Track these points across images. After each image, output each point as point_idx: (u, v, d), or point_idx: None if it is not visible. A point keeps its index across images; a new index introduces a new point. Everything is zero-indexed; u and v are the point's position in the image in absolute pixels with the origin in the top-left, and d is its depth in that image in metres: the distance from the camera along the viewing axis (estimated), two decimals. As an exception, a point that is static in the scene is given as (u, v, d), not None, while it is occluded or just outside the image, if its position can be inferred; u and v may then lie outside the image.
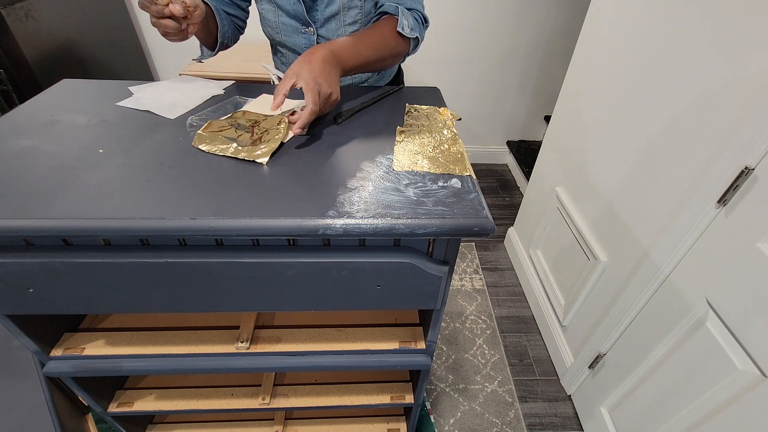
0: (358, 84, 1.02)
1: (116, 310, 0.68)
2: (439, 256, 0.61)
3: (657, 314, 1.06)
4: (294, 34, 0.92)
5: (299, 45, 0.93)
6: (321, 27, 0.90)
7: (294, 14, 0.88)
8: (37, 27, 1.40)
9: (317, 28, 0.90)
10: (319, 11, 0.88)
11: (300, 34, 0.91)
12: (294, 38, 0.93)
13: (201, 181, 0.58)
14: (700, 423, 0.92)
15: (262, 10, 0.93)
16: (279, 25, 0.92)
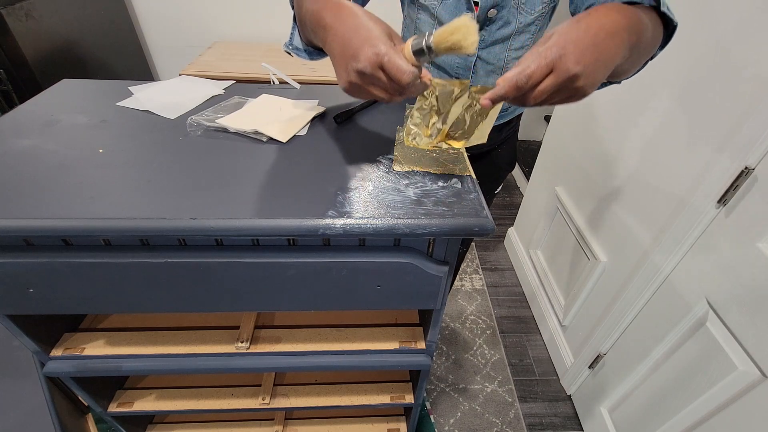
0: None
1: (116, 310, 0.68)
2: (439, 256, 0.61)
3: (657, 314, 1.06)
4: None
5: (450, 63, 0.84)
6: (483, 49, 0.80)
7: None
8: (37, 27, 1.40)
9: (479, 50, 0.80)
10: (488, 33, 0.78)
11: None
12: (446, 56, 0.83)
13: (201, 181, 0.58)
14: (700, 423, 0.92)
15: (418, 21, 0.83)
16: None
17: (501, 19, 0.76)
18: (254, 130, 0.69)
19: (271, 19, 2.00)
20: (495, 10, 0.74)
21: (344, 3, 0.49)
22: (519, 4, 0.74)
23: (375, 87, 0.46)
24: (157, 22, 2.01)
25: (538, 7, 0.74)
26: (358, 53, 0.44)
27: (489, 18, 0.75)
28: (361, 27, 0.45)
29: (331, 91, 0.87)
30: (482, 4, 0.73)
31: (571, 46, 0.41)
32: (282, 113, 0.75)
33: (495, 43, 0.79)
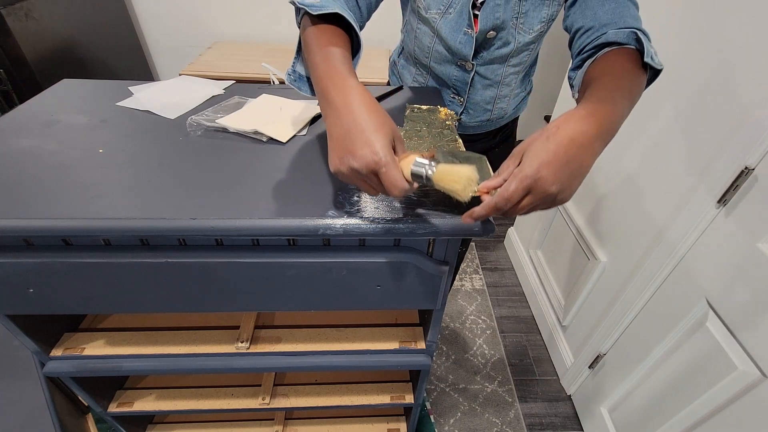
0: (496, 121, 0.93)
1: (116, 310, 0.68)
2: (439, 256, 0.61)
3: (657, 314, 1.06)
4: (446, 63, 0.83)
5: (449, 76, 0.84)
6: (482, 66, 0.81)
7: (455, 51, 0.78)
8: (37, 27, 1.40)
9: (477, 65, 0.81)
10: (486, 52, 0.79)
11: (454, 66, 0.82)
12: (445, 68, 0.84)
13: (201, 181, 0.58)
14: (700, 423, 0.92)
15: (418, 31, 0.83)
16: (432, 52, 0.83)
17: (500, 39, 0.76)
18: (254, 130, 0.69)
19: (271, 19, 2.00)
20: (494, 32, 0.75)
21: (353, 86, 0.47)
22: (518, 24, 0.75)
23: (364, 183, 0.46)
24: (157, 22, 2.01)
25: (537, 26, 0.75)
26: (357, 152, 0.43)
27: (488, 39, 0.76)
28: (367, 124, 0.44)
29: (331, 91, 0.86)
30: (481, 27, 0.74)
31: (545, 170, 0.43)
32: (282, 113, 0.75)
33: (493, 61, 0.80)
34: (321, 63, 0.51)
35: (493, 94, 0.86)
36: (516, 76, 0.85)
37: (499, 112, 0.91)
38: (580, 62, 0.65)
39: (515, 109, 0.94)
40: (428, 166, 0.45)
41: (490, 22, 0.73)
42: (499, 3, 0.72)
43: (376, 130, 0.44)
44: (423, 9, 0.77)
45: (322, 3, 0.57)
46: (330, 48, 0.52)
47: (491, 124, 0.93)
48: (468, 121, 0.91)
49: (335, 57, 0.51)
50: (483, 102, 0.87)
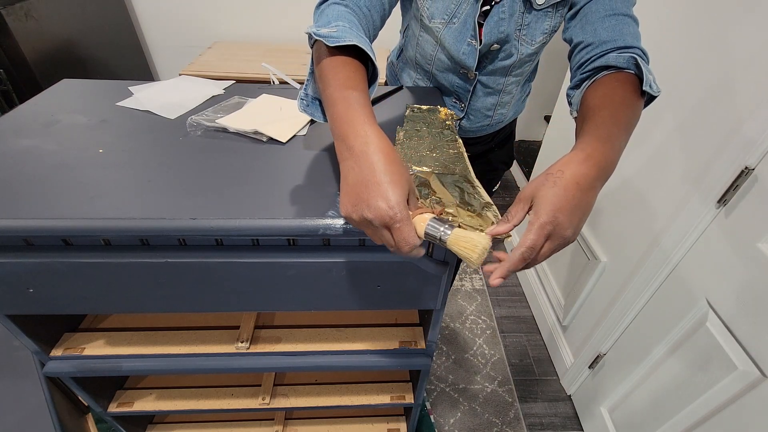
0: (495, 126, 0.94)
1: (116, 310, 0.68)
2: (439, 256, 0.61)
3: (657, 314, 1.06)
4: (449, 72, 0.83)
5: (451, 83, 0.85)
6: (484, 75, 0.81)
7: (458, 61, 0.79)
8: (37, 27, 1.40)
9: (480, 74, 0.81)
10: (489, 62, 0.79)
11: (456, 75, 0.83)
12: (447, 76, 0.84)
13: (201, 181, 0.58)
14: (700, 423, 0.92)
15: (420, 39, 0.82)
16: (434, 60, 0.83)
17: (504, 51, 0.77)
18: (254, 130, 0.69)
19: (271, 19, 2.00)
20: (498, 45, 0.75)
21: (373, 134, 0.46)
22: (520, 36, 0.75)
23: (374, 234, 0.46)
24: (157, 22, 2.01)
25: (539, 38, 0.75)
26: (372, 203, 0.42)
27: (491, 51, 0.76)
28: (385, 176, 0.43)
29: (331, 91, 0.86)
30: (485, 40, 0.74)
31: (560, 215, 0.45)
32: (282, 113, 0.75)
33: (495, 72, 0.81)
34: (339, 102, 0.50)
35: (494, 101, 0.87)
36: (517, 85, 0.86)
37: (499, 117, 0.92)
38: (579, 82, 0.66)
39: (514, 112, 0.96)
40: (443, 231, 0.46)
41: (494, 36, 0.73)
42: (503, 17, 0.72)
43: (393, 183, 0.43)
44: (426, 18, 0.76)
45: (340, 33, 0.55)
46: (349, 89, 0.51)
47: (491, 128, 0.94)
48: (468, 126, 0.92)
49: (355, 99, 0.50)
50: (484, 108, 0.88)
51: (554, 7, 0.71)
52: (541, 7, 0.71)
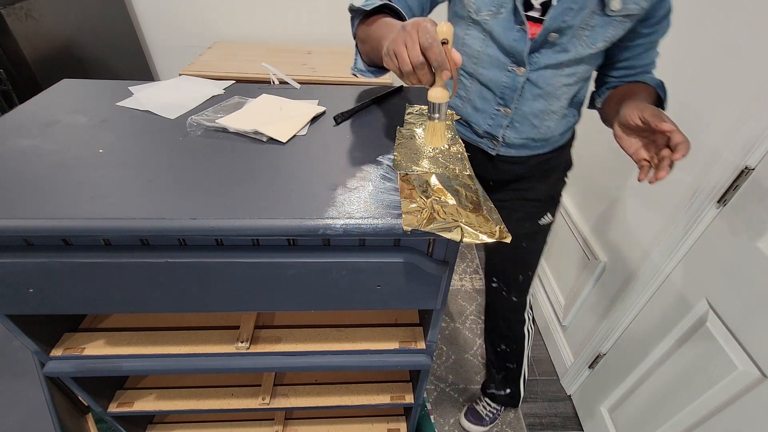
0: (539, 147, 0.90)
1: (116, 310, 0.68)
2: (439, 256, 0.61)
3: (657, 314, 1.06)
4: (496, 68, 0.80)
5: (497, 82, 0.82)
6: (535, 71, 0.78)
7: (509, 50, 0.77)
8: (37, 27, 1.39)
9: (530, 71, 0.78)
10: (541, 55, 0.77)
11: (504, 71, 0.80)
12: (493, 73, 0.81)
13: (201, 181, 0.58)
14: (700, 423, 0.92)
15: (466, 37, 0.81)
16: (481, 55, 0.81)
17: (560, 45, 0.75)
18: (254, 130, 0.69)
19: (271, 19, 2.00)
20: (557, 35, 0.74)
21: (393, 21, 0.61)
22: (582, 35, 0.74)
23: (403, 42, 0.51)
24: (157, 22, 2.01)
25: (599, 43, 0.75)
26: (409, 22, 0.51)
27: (548, 41, 0.75)
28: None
29: (331, 91, 0.87)
30: (546, 25, 0.72)
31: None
32: (282, 113, 0.75)
33: (547, 67, 0.78)
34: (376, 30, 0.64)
35: (543, 107, 0.83)
36: (567, 90, 0.82)
37: (546, 131, 0.87)
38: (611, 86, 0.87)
39: (561, 134, 0.91)
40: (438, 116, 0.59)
41: (556, 23, 0.72)
42: (572, 8, 0.71)
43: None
44: (474, 12, 0.77)
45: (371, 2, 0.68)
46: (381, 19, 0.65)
47: (536, 146, 0.89)
48: (513, 138, 0.87)
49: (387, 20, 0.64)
50: (531, 115, 0.84)
51: (626, 18, 0.72)
52: (613, 14, 0.71)
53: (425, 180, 0.59)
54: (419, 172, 0.61)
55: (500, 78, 0.81)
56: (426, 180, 0.59)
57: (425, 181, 0.59)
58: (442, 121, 0.60)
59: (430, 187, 0.57)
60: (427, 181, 0.59)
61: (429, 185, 0.58)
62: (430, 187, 0.58)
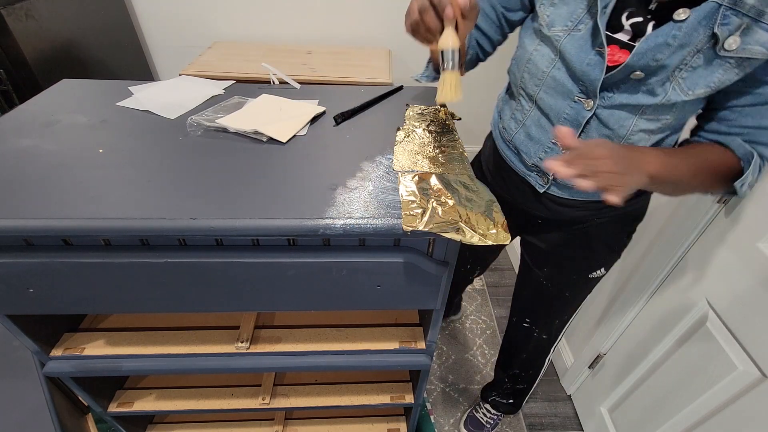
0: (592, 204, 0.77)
1: (116, 310, 0.68)
2: (439, 256, 0.61)
3: (657, 314, 1.06)
4: (560, 96, 0.67)
5: (557, 111, 0.68)
6: (606, 108, 0.63)
7: (580, 76, 0.63)
8: (37, 27, 1.39)
9: (600, 106, 0.63)
10: (621, 93, 0.61)
11: (568, 101, 0.66)
12: (556, 101, 0.67)
13: (201, 181, 0.58)
14: (700, 423, 0.92)
15: (534, 53, 0.69)
16: (546, 78, 0.67)
17: (645, 86, 0.60)
18: (254, 130, 0.69)
19: (271, 19, 2.00)
20: (642, 74, 0.58)
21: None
22: (677, 77, 0.57)
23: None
24: (157, 22, 2.01)
25: (700, 89, 0.57)
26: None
27: (631, 78, 0.60)
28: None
29: (331, 91, 0.87)
30: (629, 62, 0.58)
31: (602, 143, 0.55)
32: (282, 113, 0.75)
33: (623, 107, 0.62)
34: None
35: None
36: (647, 138, 0.65)
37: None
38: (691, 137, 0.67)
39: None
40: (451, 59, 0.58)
41: (644, 60, 0.57)
42: (670, 44, 0.55)
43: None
44: (546, 26, 0.65)
45: None
46: None
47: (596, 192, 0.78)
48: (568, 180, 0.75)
49: None
50: None
51: (743, 61, 0.54)
52: (727, 54, 0.53)
53: (425, 180, 0.59)
54: (419, 172, 0.61)
55: (563, 108, 0.67)
56: (426, 180, 0.59)
57: (425, 181, 0.59)
58: (455, 71, 0.59)
59: (430, 187, 0.57)
60: (427, 181, 0.59)
61: (429, 185, 0.58)
62: (430, 187, 0.58)
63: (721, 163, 0.60)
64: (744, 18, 0.51)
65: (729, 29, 0.52)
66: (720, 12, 0.51)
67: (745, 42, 0.52)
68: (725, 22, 0.52)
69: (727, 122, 0.61)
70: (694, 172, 0.60)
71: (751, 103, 0.58)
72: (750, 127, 0.59)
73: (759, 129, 0.59)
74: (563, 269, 0.93)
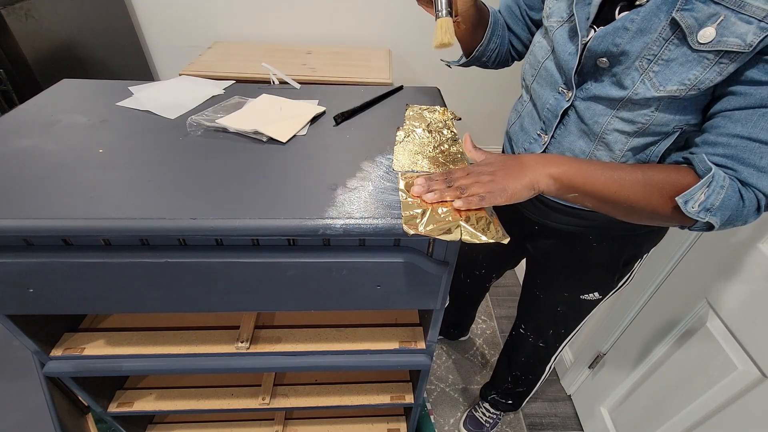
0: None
1: (116, 310, 0.68)
2: (439, 256, 0.61)
3: (657, 314, 1.06)
4: (548, 87, 0.68)
5: (543, 103, 0.69)
6: (582, 99, 0.63)
7: (563, 65, 0.64)
8: (37, 27, 1.39)
9: (576, 97, 0.63)
10: (592, 82, 0.61)
11: (554, 91, 0.67)
12: (545, 91, 0.69)
13: (201, 181, 0.58)
14: (700, 423, 0.92)
15: (536, 44, 0.71)
16: (539, 68, 0.70)
17: (613, 75, 0.58)
18: (254, 130, 0.69)
19: (271, 19, 2.00)
20: (606, 60, 0.58)
21: None
22: (647, 69, 0.54)
23: None
24: (157, 22, 2.01)
25: (672, 86, 0.53)
26: None
27: (598, 67, 0.60)
28: None
29: (331, 91, 0.87)
30: (590, 46, 0.58)
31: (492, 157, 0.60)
32: (282, 113, 0.75)
33: (598, 99, 0.61)
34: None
35: (586, 148, 0.65)
36: (624, 140, 0.61)
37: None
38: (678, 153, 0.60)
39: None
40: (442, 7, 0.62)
41: (603, 46, 0.57)
42: (630, 29, 0.54)
43: None
44: (546, 16, 0.67)
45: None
46: None
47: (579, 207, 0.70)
48: None
49: None
50: (569, 153, 0.68)
51: (719, 55, 0.49)
52: (700, 48, 0.49)
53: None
54: (419, 172, 0.61)
55: (548, 98, 0.68)
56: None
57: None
58: (447, 18, 0.62)
59: None
60: None
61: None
62: None
63: (670, 179, 0.52)
64: (718, 7, 0.47)
65: (694, 17, 0.49)
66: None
67: (721, 34, 0.47)
68: (686, 8, 0.49)
69: (716, 130, 0.53)
70: (622, 183, 0.53)
71: (740, 105, 0.50)
72: (739, 137, 0.50)
73: (749, 141, 0.49)
74: (554, 284, 0.92)
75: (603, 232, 0.77)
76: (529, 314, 1.05)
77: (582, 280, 0.87)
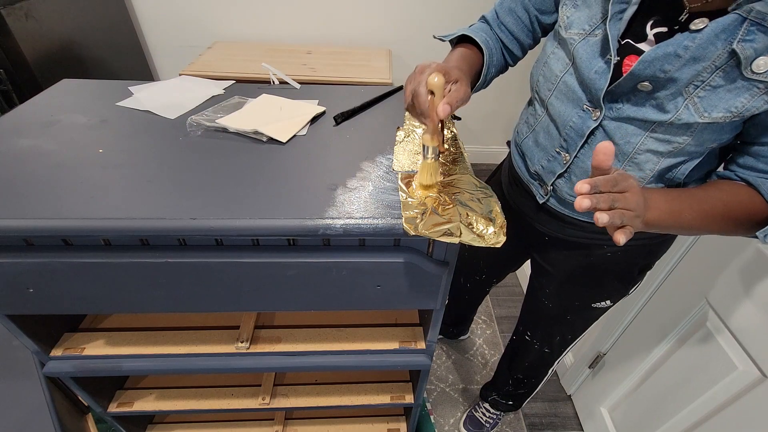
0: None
1: (116, 310, 0.68)
2: (439, 256, 0.61)
3: (657, 314, 1.06)
4: (569, 103, 0.63)
5: (565, 120, 0.64)
6: (613, 119, 0.59)
7: (587, 83, 0.60)
8: (37, 27, 1.39)
9: (607, 117, 0.59)
10: (627, 103, 0.57)
11: (577, 108, 0.63)
12: (565, 107, 0.64)
13: (201, 181, 0.58)
14: (700, 423, 0.92)
15: (551, 56, 0.67)
16: (558, 82, 0.65)
17: (654, 99, 0.55)
18: (254, 130, 0.69)
19: (271, 19, 2.00)
20: (649, 85, 0.54)
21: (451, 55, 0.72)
22: (692, 94, 0.52)
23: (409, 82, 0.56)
24: (157, 22, 2.01)
25: (717, 113, 0.51)
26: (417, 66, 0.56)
27: (639, 90, 0.56)
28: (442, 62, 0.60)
29: (331, 91, 0.87)
30: (634, 70, 0.54)
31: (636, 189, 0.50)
32: (282, 113, 0.75)
33: (631, 120, 0.58)
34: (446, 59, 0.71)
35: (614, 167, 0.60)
36: (656, 160, 0.59)
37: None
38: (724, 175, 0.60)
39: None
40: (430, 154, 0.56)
41: (650, 71, 0.53)
42: (681, 55, 0.50)
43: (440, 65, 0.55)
44: (563, 28, 0.63)
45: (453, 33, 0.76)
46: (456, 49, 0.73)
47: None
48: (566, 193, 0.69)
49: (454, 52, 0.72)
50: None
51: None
52: (755, 78, 0.48)
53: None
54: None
55: (570, 115, 0.64)
56: None
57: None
58: (433, 162, 0.56)
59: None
60: None
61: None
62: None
63: (744, 209, 0.55)
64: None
65: (753, 47, 0.46)
66: (744, 26, 0.46)
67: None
68: (748, 38, 0.46)
69: (764, 159, 0.54)
70: (704, 217, 0.55)
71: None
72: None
73: None
74: (565, 294, 0.90)
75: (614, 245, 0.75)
76: (535, 322, 1.03)
77: (595, 289, 0.85)
